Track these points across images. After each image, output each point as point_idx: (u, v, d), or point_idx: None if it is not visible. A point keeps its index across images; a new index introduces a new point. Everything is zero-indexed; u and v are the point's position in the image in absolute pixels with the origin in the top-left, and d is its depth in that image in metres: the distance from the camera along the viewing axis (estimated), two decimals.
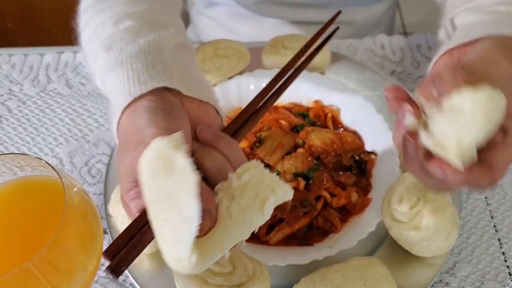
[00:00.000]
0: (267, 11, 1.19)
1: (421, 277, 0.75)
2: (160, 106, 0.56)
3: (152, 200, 0.48)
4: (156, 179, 0.47)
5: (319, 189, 0.81)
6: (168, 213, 0.46)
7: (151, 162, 0.48)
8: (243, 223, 0.49)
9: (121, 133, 0.59)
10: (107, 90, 0.66)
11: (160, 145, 0.47)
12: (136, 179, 0.52)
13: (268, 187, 0.49)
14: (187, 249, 0.46)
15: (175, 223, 0.46)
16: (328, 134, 0.87)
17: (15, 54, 1.15)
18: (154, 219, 0.49)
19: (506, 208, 0.86)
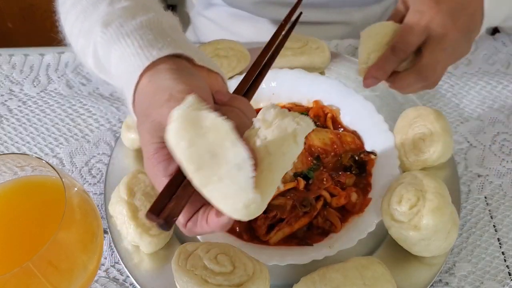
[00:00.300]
0: (266, 12, 1.19)
1: (421, 276, 0.75)
2: (181, 68, 0.58)
3: (197, 170, 0.48)
4: (192, 147, 0.47)
5: (319, 189, 0.81)
6: (219, 171, 0.47)
7: (180, 134, 0.48)
8: (283, 156, 0.50)
9: (142, 95, 0.59)
10: (110, 63, 0.66)
11: (182, 112, 0.47)
12: (163, 138, 0.52)
13: (293, 122, 0.51)
14: (252, 191, 0.47)
15: (231, 175, 0.47)
16: (328, 134, 0.87)
17: (15, 54, 1.15)
18: (204, 185, 0.49)
19: (505, 208, 0.86)
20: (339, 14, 1.21)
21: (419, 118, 0.85)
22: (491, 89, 1.05)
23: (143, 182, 0.80)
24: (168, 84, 0.56)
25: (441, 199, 0.71)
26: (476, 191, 0.88)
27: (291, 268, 0.74)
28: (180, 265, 0.66)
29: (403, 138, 0.86)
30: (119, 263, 0.81)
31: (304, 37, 1.00)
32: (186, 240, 0.78)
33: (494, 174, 0.90)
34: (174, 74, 0.57)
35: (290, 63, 0.97)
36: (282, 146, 0.50)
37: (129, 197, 0.77)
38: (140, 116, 0.58)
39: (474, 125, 0.98)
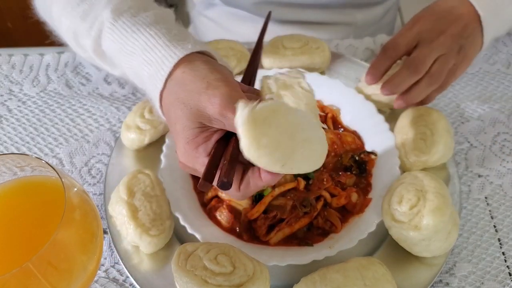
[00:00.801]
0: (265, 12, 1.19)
1: (421, 277, 0.75)
2: (211, 62, 0.64)
3: (276, 150, 0.53)
4: (270, 138, 0.53)
5: (319, 189, 0.81)
6: (299, 147, 0.55)
7: (253, 134, 0.52)
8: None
9: (178, 84, 0.62)
10: (124, 50, 0.68)
11: (247, 116, 0.52)
12: (202, 123, 0.59)
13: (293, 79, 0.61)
14: (326, 146, 0.58)
15: (311, 148, 0.56)
16: (328, 134, 0.87)
17: (15, 54, 1.15)
18: (286, 159, 0.55)
19: (506, 208, 0.86)
20: (340, 14, 1.21)
21: (420, 118, 0.85)
22: (492, 89, 1.05)
23: (143, 182, 0.80)
24: (206, 74, 0.60)
25: (442, 200, 0.71)
26: (476, 191, 0.88)
27: (291, 268, 0.74)
28: (180, 265, 0.66)
29: (404, 138, 0.86)
30: (118, 263, 0.81)
31: (304, 37, 1.00)
32: (186, 241, 0.78)
33: (495, 175, 0.90)
34: (208, 65, 0.62)
35: (290, 63, 0.97)
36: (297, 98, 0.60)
37: (129, 197, 0.77)
38: (175, 103, 0.62)
39: (475, 125, 0.98)
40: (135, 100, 1.05)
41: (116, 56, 0.71)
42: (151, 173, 0.82)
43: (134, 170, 0.82)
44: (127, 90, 1.07)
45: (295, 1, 1.16)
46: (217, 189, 0.81)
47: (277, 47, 0.99)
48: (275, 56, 0.97)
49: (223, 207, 0.80)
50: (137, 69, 0.68)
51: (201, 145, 0.60)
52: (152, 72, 0.65)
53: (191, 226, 0.76)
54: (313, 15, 1.20)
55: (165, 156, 0.85)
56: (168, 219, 0.78)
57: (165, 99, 0.64)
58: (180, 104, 0.61)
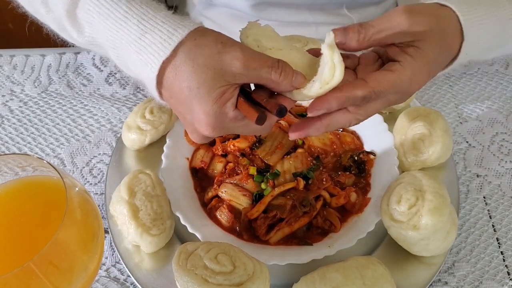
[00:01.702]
0: (265, 13, 1.19)
1: (420, 276, 0.76)
2: (213, 30, 0.66)
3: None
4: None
5: (319, 189, 0.81)
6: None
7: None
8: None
9: (192, 51, 0.63)
10: (115, 17, 0.67)
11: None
12: (227, 80, 0.61)
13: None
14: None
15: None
16: (327, 135, 0.88)
17: (16, 55, 1.15)
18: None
19: (504, 207, 0.87)
20: (337, 16, 1.21)
21: (418, 119, 0.86)
22: (490, 90, 1.05)
23: (144, 182, 0.80)
24: (216, 36, 0.64)
25: (440, 199, 0.72)
26: (475, 191, 0.89)
27: (291, 267, 0.74)
28: (181, 264, 0.67)
29: (402, 139, 0.86)
30: (119, 262, 0.82)
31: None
32: (187, 240, 0.78)
33: (493, 174, 0.91)
34: (213, 31, 0.65)
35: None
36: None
37: (130, 197, 0.78)
38: (195, 69, 0.63)
39: (473, 125, 0.98)
40: (136, 100, 1.05)
41: (95, 21, 0.68)
42: (152, 173, 0.82)
43: (135, 170, 0.83)
44: (128, 90, 1.07)
45: (293, 2, 1.16)
46: (217, 189, 0.82)
47: None
48: None
49: (223, 206, 0.80)
50: (127, 38, 0.66)
51: (229, 101, 0.62)
52: (155, 41, 0.64)
53: (191, 225, 0.76)
54: (311, 16, 1.20)
55: (165, 156, 0.85)
56: (168, 219, 0.79)
57: (176, 68, 0.64)
58: (202, 68, 0.62)
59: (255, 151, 0.85)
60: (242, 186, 0.81)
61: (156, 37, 0.64)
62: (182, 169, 0.87)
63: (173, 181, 0.83)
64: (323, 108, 0.63)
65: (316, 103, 0.63)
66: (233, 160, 0.86)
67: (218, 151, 0.87)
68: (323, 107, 0.63)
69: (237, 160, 0.85)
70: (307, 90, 0.62)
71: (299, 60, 0.65)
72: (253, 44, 0.65)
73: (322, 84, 0.60)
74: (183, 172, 0.87)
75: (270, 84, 0.63)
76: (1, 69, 1.13)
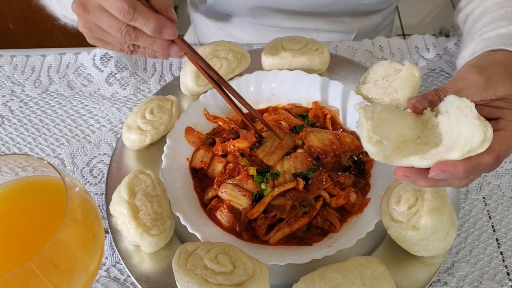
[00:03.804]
0: (265, 19, 1.19)
1: (420, 276, 0.76)
2: None
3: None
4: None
5: (319, 189, 0.81)
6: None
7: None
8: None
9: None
10: None
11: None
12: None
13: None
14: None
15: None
16: (327, 135, 0.88)
17: (17, 56, 1.15)
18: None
19: (504, 208, 0.87)
20: (339, 23, 1.21)
21: None
22: None
23: (144, 182, 0.80)
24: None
25: (440, 200, 0.72)
26: (474, 191, 0.89)
27: (291, 267, 0.74)
28: (181, 264, 0.67)
29: None
30: (120, 262, 0.82)
31: (304, 38, 1.01)
32: (187, 240, 0.78)
33: (493, 175, 0.91)
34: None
35: (289, 64, 0.97)
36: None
37: (130, 197, 0.78)
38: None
39: None
40: (136, 101, 1.06)
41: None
42: (152, 173, 0.82)
43: (135, 170, 0.83)
44: (129, 91, 1.07)
45: (293, 8, 1.16)
46: (217, 189, 0.82)
47: (276, 48, 0.99)
48: (275, 57, 0.98)
49: (223, 207, 0.81)
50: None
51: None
52: None
53: (191, 225, 0.76)
54: (312, 23, 1.20)
55: (166, 156, 0.85)
56: (168, 219, 0.79)
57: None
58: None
59: (255, 151, 0.86)
60: (242, 186, 0.81)
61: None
62: (182, 170, 0.87)
63: (173, 181, 0.83)
64: (449, 172, 0.60)
65: (442, 166, 0.60)
66: (233, 160, 0.86)
67: (218, 152, 0.88)
68: (448, 171, 0.60)
69: (237, 160, 0.85)
70: (434, 153, 0.61)
71: (409, 129, 0.65)
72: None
73: (464, 153, 0.58)
74: (183, 173, 0.87)
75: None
76: (1, 69, 1.13)
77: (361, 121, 0.63)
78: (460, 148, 0.59)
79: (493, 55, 0.76)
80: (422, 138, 0.64)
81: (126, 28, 0.74)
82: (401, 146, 0.64)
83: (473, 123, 0.58)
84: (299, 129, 0.88)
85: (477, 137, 0.57)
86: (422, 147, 0.63)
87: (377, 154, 0.63)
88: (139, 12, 0.72)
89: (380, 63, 0.94)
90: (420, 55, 1.11)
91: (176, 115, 0.93)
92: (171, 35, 0.75)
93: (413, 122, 0.65)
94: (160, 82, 1.08)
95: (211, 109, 0.94)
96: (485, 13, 0.88)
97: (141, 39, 0.75)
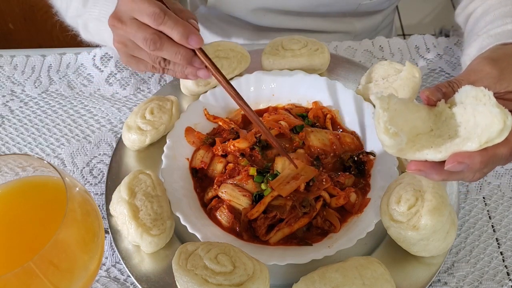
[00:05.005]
0: (266, 19, 1.19)
1: (420, 276, 0.76)
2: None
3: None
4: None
5: (319, 189, 0.81)
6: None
7: None
8: None
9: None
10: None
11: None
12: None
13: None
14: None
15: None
16: (327, 135, 0.88)
17: (17, 56, 1.15)
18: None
19: (504, 208, 0.87)
20: (340, 23, 1.21)
21: None
22: None
23: (144, 182, 0.80)
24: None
25: (440, 200, 0.72)
26: (474, 191, 0.89)
27: (291, 267, 0.74)
28: (181, 264, 0.67)
29: None
30: (120, 262, 0.82)
31: (304, 38, 1.01)
32: (187, 240, 0.78)
33: (493, 175, 0.91)
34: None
35: (290, 64, 0.97)
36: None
37: (130, 198, 0.78)
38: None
39: None
40: (136, 101, 1.06)
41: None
42: (152, 173, 0.82)
43: (135, 170, 0.83)
44: (129, 91, 1.07)
45: (293, 9, 1.16)
46: (217, 189, 0.82)
47: (276, 48, 0.99)
48: (275, 57, 0.98)
49: (223, 207, 0.81)
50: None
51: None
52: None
53: (191, 225, 0.76)
54: (312, 23, 1.20)
55: (166, 156, 0.85)
56: (169, 219, 0.79)
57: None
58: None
59: (255, 150, 0.86)
60: (242, 186, 0.81)
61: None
62: (182, 170, 0.87)
63: (173, 181, 0.83)
64: (465, 163, 0.58)
65: (458, 157, 0.59)
66: (233, 160, 0.86)
67: (218, 152, 0.88)
68: (465, 162, 0.58)
69: (237, 160, 0.85)
70: (453, 144, 0.60)
71: (421, 122, 0.64)
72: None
73: (481, 143, 0.57)
74: (183, 173, 0.87)
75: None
76: (1, 69, 1.13)
77: (378, 112, 0.61)
78: (477, 138, 0.57)
79: (505, 49, 0.76)
80: (436, 131, 0.63)
81: (152, 35, 0.75)
82: (415, 140, 0.63)
83: (492, 111, 0.57)
84: (299, 129, 0.88)
85: (496, 125, 0.56)
86: (436, 140, 0.62)
87: (392, 146, 0.61)
88: (169, 16, 0.75)
89: (381, 63, 0.94)
90: (420, 55, 1.11)
91: (176, 115, 0.93)
92: (198, 42, 0.77)
93: (425, 115, 0.64)
94: (160, 82, 1.08)
95: (211, 109, 0.94)
96: (488, 11, 0.88)
97: (166, 47, 0.77)
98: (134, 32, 0.77)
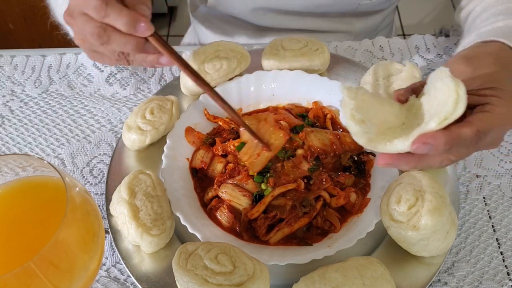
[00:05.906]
0: (265, 19, 1.19)
1: (420, 276, 0.76)
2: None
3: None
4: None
5: (319, 189, 0.81)
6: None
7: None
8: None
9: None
10: None
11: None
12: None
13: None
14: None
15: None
16: (327, 135, 0.88)
17: (17, 56, 1.15)
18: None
19: (504, 208, 0.87)
20: (340, 23, 1.21)
21: None
22: None
23: (144, 182, 0.80)
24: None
25: (440, 200, 0.72)
26: (474, 191, 0.89)
27: (291, 267, 0.74)
28: (181, 264, 0.67)
29: None
30: (120, 262, 0.82)
31: (304, 38, 1.01)
32: (187, 240, 0.78)
33: (493, 175, 0.91)
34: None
35: (290, 64, 0.97)
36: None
37: (130, 198, 0.78)
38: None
39: None
40: (136, 101, 1.06)
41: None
42: (152, 173, 0.82)
43: (135, 170, 0.83)
44: (129, 91, 1.07)
45: (293, 9, 1.16)
46: (217, 189, 0.82)
47: (276, 48, 0.99)
48: (275, 57, 0.98)
49: (224, 207, 0.81)
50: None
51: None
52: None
53: (191, 225, 0.76)
54: (313, 23, 1.20)
55: (166, 156, 0.85)
56: (169, 219, 0.79)
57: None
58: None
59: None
60: (242, 186, 0.81)
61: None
62: (182, 170, 0.87)
63: (173, 181, 0.83)
64: (430, 144, 0.59)
65: (423, 138, 0.60)
66: (233, 160, 0.86)
67: (218, 152, 0.88)
68: (429, 143, 0.59)
69: (237, 160, 0.85)
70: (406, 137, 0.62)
71: (394, 117, 0.66)
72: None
73: (440, 119, 0.58)
74: (183, 173, 0.87)
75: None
76: (1, 69, 1.13)
77: (344, 100, 0.65)
78: (436, 116, 0.59)
79: (484, 46, 0.77)
80: (407, 124, 0.65)
81: (97, 29, 0.72)
82: (386, 132, 0.64)
83: (445, 83, 0.58)
84: (299, 129, 0.88)
85: (450, 98, 0.58)
86: (406, 131, 0.64)
87: (359, 134, 0.64)
88: (112, 7, 0.70)
89: (381, 63, 0.94)
90: (420, 55, 1.11)
91: (176, 115, 0.93)
92: (146, 29, 0.72)
93: (398, 110, 0.67)
94: (160, 82, 1.08)
95: (211, 109, 0.94)
96: (486, 10, 0.89)
97: (114, 39, 0.73)
98: (82, 27, 0.73)
